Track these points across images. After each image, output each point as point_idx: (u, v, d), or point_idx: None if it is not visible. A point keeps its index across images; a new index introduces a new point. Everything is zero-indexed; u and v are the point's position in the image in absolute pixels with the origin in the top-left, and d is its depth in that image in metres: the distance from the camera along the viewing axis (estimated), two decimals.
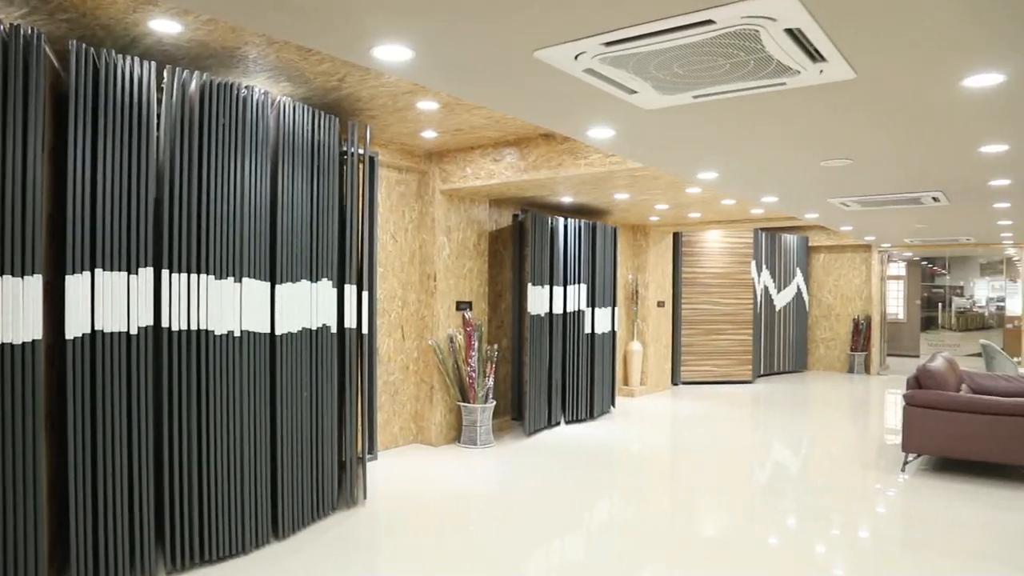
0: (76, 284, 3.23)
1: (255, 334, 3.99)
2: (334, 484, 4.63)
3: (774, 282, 12.35)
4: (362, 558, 3.93)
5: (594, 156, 5.43)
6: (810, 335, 13.49)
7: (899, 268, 18.58)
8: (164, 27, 3.43)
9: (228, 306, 3.82)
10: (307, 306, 4.38)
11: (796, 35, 2.38)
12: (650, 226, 10.02)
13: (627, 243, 10.05)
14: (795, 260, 12.83)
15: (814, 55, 2.57)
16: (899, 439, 7.25)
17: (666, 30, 2.35)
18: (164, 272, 3.57)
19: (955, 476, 5.76)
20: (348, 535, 4.28)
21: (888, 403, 9.85)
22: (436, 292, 6.62)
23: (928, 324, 21.21)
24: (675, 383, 10.93)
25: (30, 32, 2.99)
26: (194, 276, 3.67)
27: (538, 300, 7.25)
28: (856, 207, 6.90)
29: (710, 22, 2.27)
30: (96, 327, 3.30)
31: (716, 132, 3.88)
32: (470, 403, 6.61)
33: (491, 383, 6.72)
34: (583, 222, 8.00)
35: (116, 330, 3.36)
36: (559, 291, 7.61)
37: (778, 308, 12.47)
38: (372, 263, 4.98)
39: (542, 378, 7.38)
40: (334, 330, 4.61)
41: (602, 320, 8.44)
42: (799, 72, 2.76)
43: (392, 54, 2.66)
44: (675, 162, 4.76)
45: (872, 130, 3.76)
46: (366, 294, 4.88)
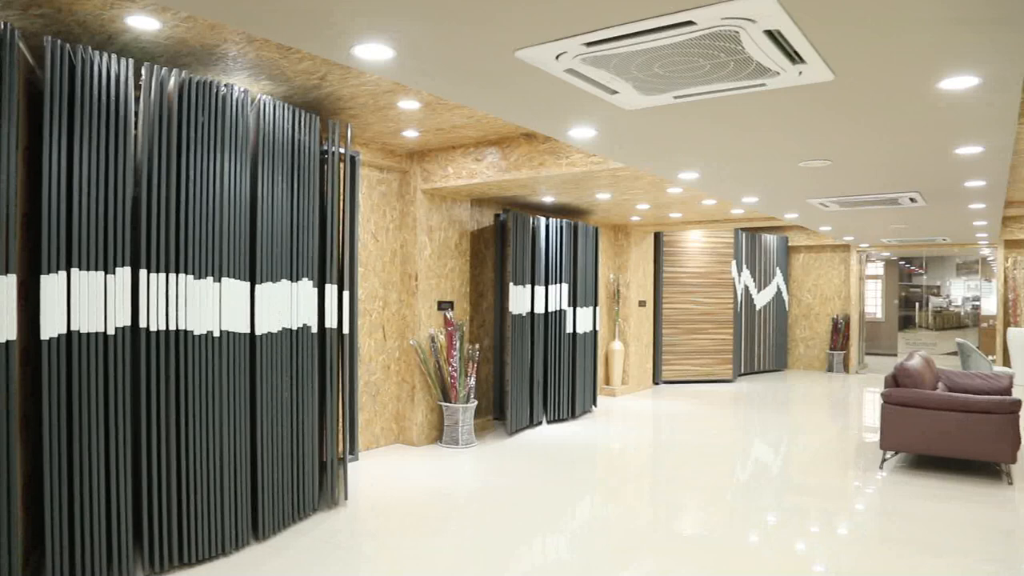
0: (51, 284, 3.18)
1: (235, 334, 3.96)
2: (315, 485, 4.60)
3: (754, 282, 12.44)
4: (343, 559, 3.92)
5: (575, 156, 5.44)
6: (790, 334, 13.60)
7: (877, 268, 18.78)
8: (142, 24, 3.39)
9: (207, 306, 3.79)
10: (287, 306, 4.35)
11: (775, 37, 2.40)
12: (631, 226, 10.06)
13: (608, 243, 10.08)
14: (775, 260, 12.93)
15: (793, 57, 2.59)
16: (877, 437, 7.33)
17: (647, 31, 2.36)
18: (142, 272, 3.53)
19: (932, 473, 5.83)
20: (329, 536, 4.26)
21: (867, 401, 9.95)
22: (417, 292, 6.60)
23: (905, 323, 21.47)
24: (656, 382, 10.98)
25: (3, 27, 2.94)
26: (173, 276, 3.63)
27: (520, 300, 7.26)
28: (835, 208, 6.97)
29: (691, 23, 2.28)
30: (72, 327, 3.26)
31: (697, 133, 3.90)
32: (452, 403, 6.60)
33: (473, 383, 6.71)
34: (565, 222, 8.02)
35: (93, 331, 3.32)
36: (541, 291, 7.62)
37: (758, 307, 12.57)
38: (353, 263, 4.96)
39: (524, 378, 7.38)
40: (315, 330, 4.59)
41: (583, 320, 8.46)
42: (779, 73, 2.78)
43: (373, 53, 2.65)
44: (656, 162, 4.78)
45: (850, 131, 3.80)
46: (347, 294, 4.86)
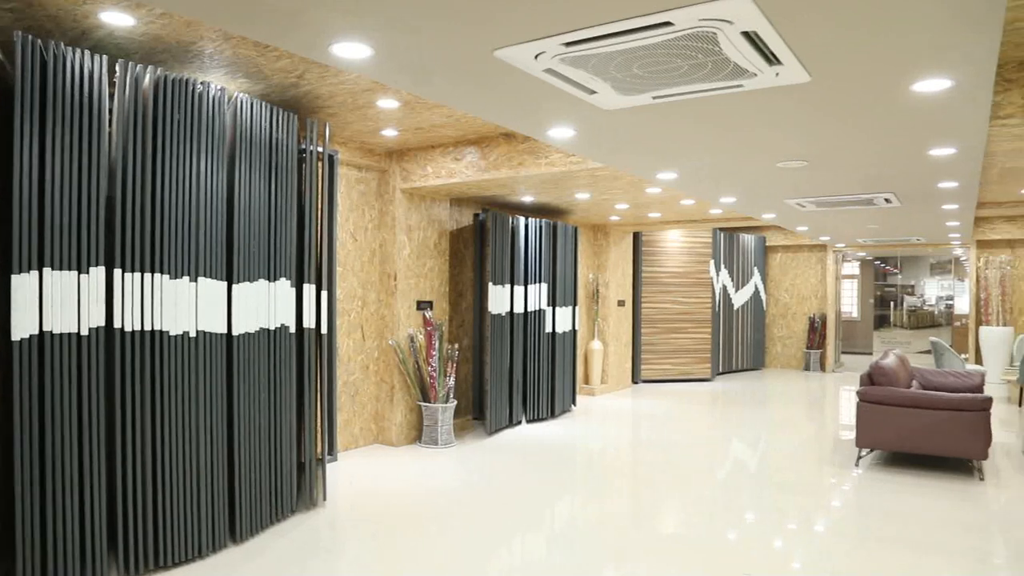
0: (23, 284, 3.13)
1: (211, 335, 3.92)
2: (293, 486, 4.57)
3: (732, 281, 12.53)
4: (322, 561, 3.89)
5: (555, 156, 5.45)
6: (767, 333, 13.72)
7: (853, 267, 19.00)
8: (116, 20, 3.34)
9: (183, 306, 3.75)
10: (265, 306, 4.31)
11: (753, 38, 2.41)
12: (611, 226, 10.09)
13: (588, 242, 10.11)
14: (753, 260, 13.03)
15: (770, 58, 2.61)
16: (853, 435, 7.42)
17: (625, 31, 2.37)
18: (116, 271, 3.48)
19: (907, 470, 5.91)
20: (307, 538, 4.23)
21: (843, 399, 10.06)
22: (396, 291, 6.58)
23: (881, 322, 21.73)
24: (635, 381, 11.02)
25: None
26: (148, 275, 3.59)
27: (499, 299, 7.26)
28: (811, 208, 7.04)
29: (668, 24, 2.29)
30: (44, 328, 3.21)
31: (675, 133, 3.92)
32: (431, 403, 6.58)
33: (452, 383, 6.70)
34: (544, 221, 8.02)
35: (66, 331, 3.27)
36: (520, 290, 7.62)
37: (736, 307, 12.66)
38: (331, 262, 4.93)
39: (503, 377, 7.38)
40: (293, 330, 4.55)
41: (563, 319, 8.48)
42: (756, 75, 2.80)
43: (351, 51, 2.63)
44: (635, 162, 4.80)
45: (827, 133, 3.83)
46: (325, 293, 4.83)
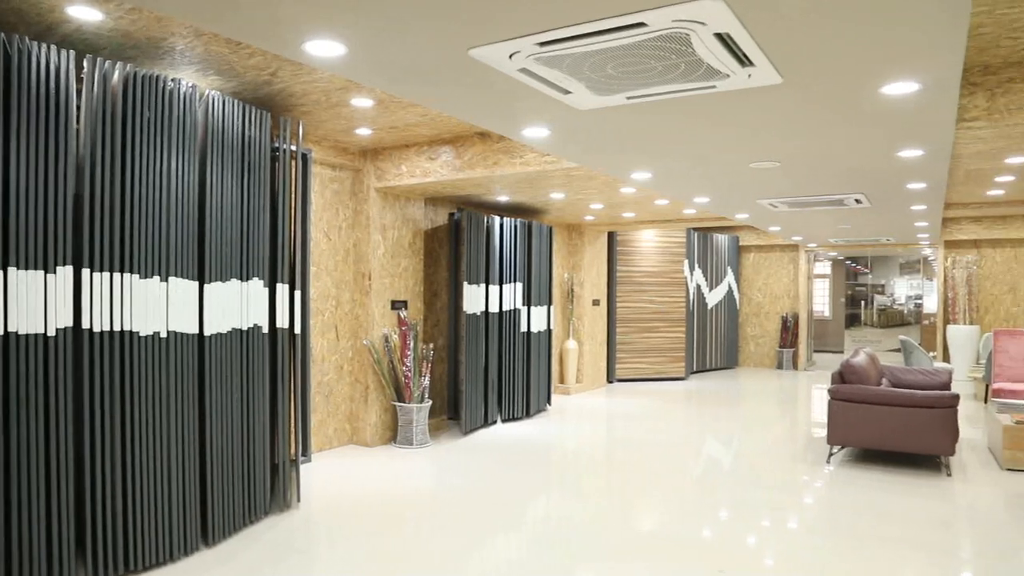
0: None
1: (183, 335, 3.87)
2: (266, 488, 4.53)
3: (706, 281, 12.63)
4: (296, 563, 3.86)
5: (529, 155, 5.45)
6: (741, 332, 13.85)
7: (825, 267, 19.24)
8: (83, 14, 3.29)
9: (153, 306, 3.70)
10: (237, 306, 4.27)
11: (725, 40, 2.43)
12: (585, 225, 10.13)
13: (563, 242, 10.13)
14: (726, 259, 13.15)
15: (743, 60, 2.63)
16: (825, 432, 7.51)
17: (599, 31, 2.38)
18: (84, 271, 3.42)
19: (877, 466, 5.99)
20: (281, 540, 4.19)
21: (815, 397, 10.19)
22: (371, 291, 6.54)
23: (852, 321, 22.05)
24: (610, 380, 11.07)
25: None
26: (117, 275, 3.53)
27: (474, 299, 7.25)
28: (784, 208, 7.12)
29: (642, 24, 2.30)
30: (9, 328, 3.14)
31: (649, 133, 3.94)
32: (406, 403, 6.56)
33: (427, 382, 6.68)
34: (519, 221, 8.03)
35: (32, 332, 3.20)
36: (495, 290, 7.62)
37: (710, 306, 12.77)
38: (305, 262, 4.89)
39: (478, 377, 7.37)
40: (266, 330, 4.51)
41: (538, 319, 8.49)
42: (728, 76, 2.83)
43: (324, 49, 2.61)
44: (609, 162, 4.82)
45: (798, 134, 3.88)
46: (299, 293, 4.79)
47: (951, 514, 4.74)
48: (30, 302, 3.20)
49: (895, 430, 5.76)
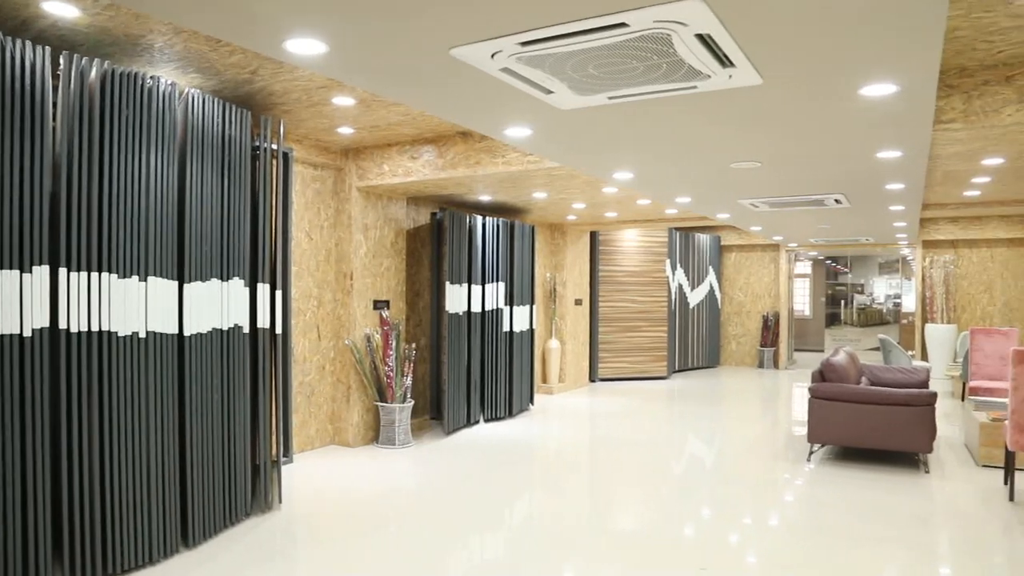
0: None
1: (162, 335, 3.83)
2: (247, 489, 4.50)
3: (688, 280, 12.70)
4: (277, 565, 3.83)
5: (512, 155, 5.45)
6: (722, 332, 13.94)
7: (805, 267, 19.41)
8: (59, 10, 3.25)
9: (132, 306, 3.66)
10: (218, 306, 4.23)
11: (707, 40, 2.45)
12: (568, 225, 10.14)
13: (545, 242, 10.14)
14: (708, 259, 13.23)
15: (724, 60, 2.65)
16: (806, 430, 7.58)
17: (581, 31, 2.38)
18: (61, 270, 3.38)
19: (856, 464, 6.05)
20: (262, 541, 4.17)
21: (795, 396, 10.27)
22: (353, 291, 6.52)
23: (832, 320, 22.26)
24: (593, 380, 11.10)
25: None
26: (95, 274, 3.49)
27: (456, 299, 7.24)
28: (764, 208, 7.17)
29: (624, 25, 2.31)
30: None
31: (631, 133, 3.95)
32: (388, 403, 6.54)
33: (409, 382, 6.66)
34: (501, 221, 8.03)
35: (7, 332, 3.16)
36: (477, 289, 7.62)
37: (692, 306, 12.83)
38: (286, 261, 4.86)
39: (461, 377, 7.36)
40: (247, 330, 4.48)
41: (520, 318, 8.49)
42: (710, 76, 2.84)
43: (305, 48, 2.60)
44: (591, 162, 4.83)
45: (778, 134, 3.91)
46: (280, 293, 4.76)
47: (929, 510, 4.80)
48: (5, 302, 3.15)
49: (874, 428, 5.82)
